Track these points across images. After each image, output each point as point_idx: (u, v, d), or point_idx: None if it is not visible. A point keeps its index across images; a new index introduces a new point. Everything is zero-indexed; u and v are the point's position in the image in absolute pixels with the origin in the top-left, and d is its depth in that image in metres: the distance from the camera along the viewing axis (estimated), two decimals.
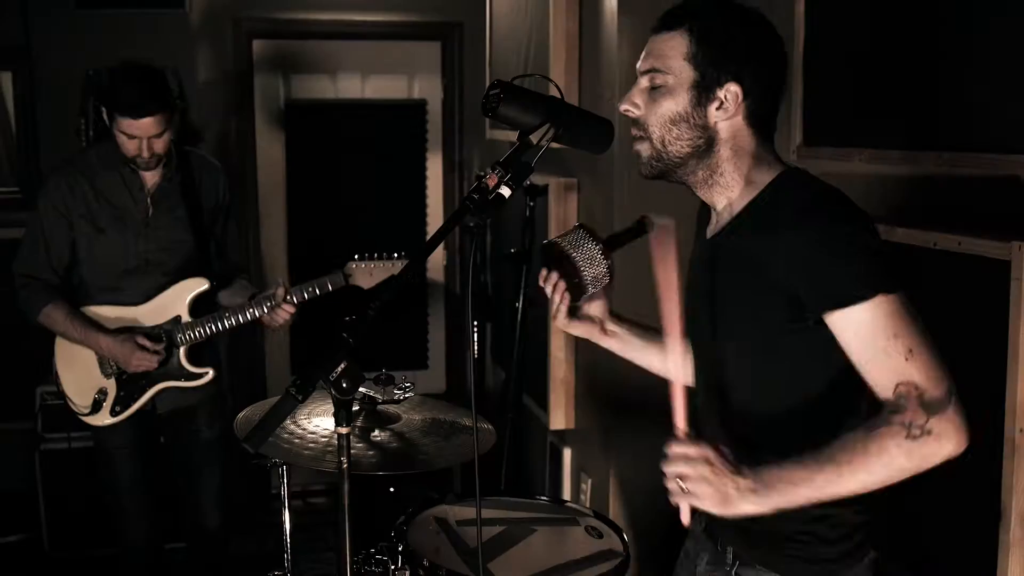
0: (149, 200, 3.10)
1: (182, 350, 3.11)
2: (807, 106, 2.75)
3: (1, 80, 4.78)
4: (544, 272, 1.86)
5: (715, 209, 1.75)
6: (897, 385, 1.51)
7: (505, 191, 1.61)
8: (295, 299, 3.00)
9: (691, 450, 1.51)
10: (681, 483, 1.51)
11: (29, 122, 4.77)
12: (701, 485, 1.50)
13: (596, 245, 1.82)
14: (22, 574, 4.32)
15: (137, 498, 3.25)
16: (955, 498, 2.14)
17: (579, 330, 1.96)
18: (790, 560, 1.69)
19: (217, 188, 3.25)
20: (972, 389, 2.05)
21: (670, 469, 1.52)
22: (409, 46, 5.33)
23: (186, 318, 3.10)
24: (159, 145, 2.97)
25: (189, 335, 3.08)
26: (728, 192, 1.70)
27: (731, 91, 1.63)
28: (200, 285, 3.12)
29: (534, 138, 1.68)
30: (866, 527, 1.72)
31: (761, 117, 1.68)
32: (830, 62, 2.68)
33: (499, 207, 1.61)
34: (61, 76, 4.68)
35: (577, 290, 1.84)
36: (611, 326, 1.97)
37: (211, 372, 3.15)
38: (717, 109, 1.64)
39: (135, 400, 3.12)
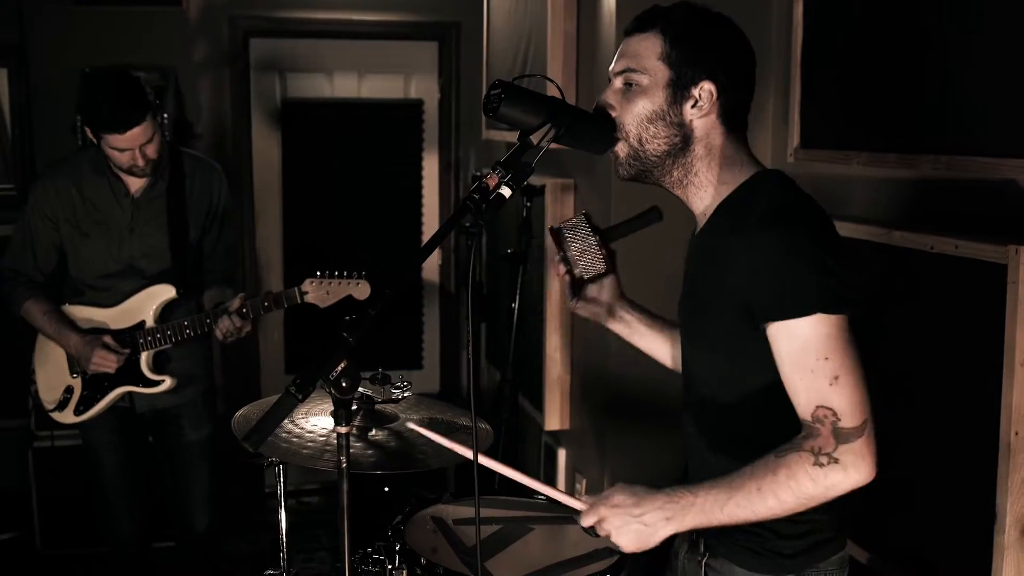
0: (134, 206, 3.10)
1: (143, 356, 3.11)
2: (805, 109, 2.76)
3: None
4: (553, 256, 1.95)
5: (693, 211, 1.78)
6: (816, 408, 1.54)
7: (505, 191, 1.61)
8: (250, 313, 3.00)
9: (592, 515, 1.66)
10: (610, 541, 1.65)
11: (25, 119, 4.76)
12: (618, 536, 1.64)
13: (592, 234, 1.88)
14: (14, 572, 4.31)
15: (123, 494, 3.26)
16: (950, 501, 2.15)
17: (586, 312, 2.01)
18: (749, 552, 1.72)
19: (211, 191, 3.21)
20: (968, 391, 2.06)
21: (599, 534, 1.67)
22: (406, 46, 5.33)
23: (150, 324, 3.10)
24: (151, 150, 2.97)
25: (150, 341, 3.09)
26: (702, 192, 1.73)
27: (706, 89, 1.67)
28: (167, 293, 3.11)
29: (535, 138, 1.68)
30: (832, 526, 1.73)
31: (734, 116, 1.71)
32: (828, 65, 2.69)
33: (499, 208, 1.61)
34: (57, 73, 4.67)
35: (574, 275, 1.92)
36: (620, 311, 2.00)
37: (168, 381, 3.13)
38: (692, 107, 1.67)
39: (97, 401, 3.14)
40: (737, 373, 1.68)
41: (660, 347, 2.03)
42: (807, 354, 1.54)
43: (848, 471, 1.52)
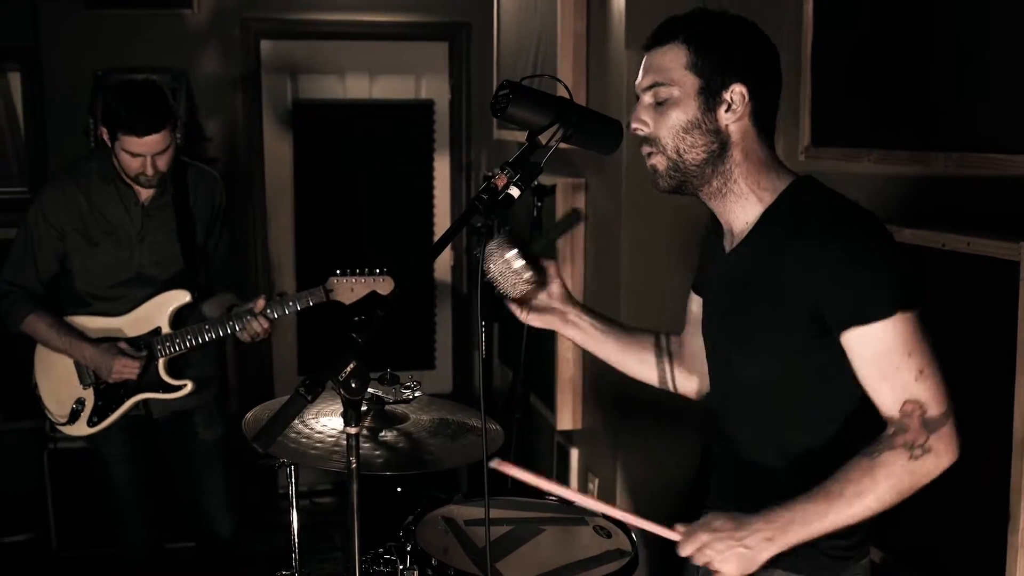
0: (143, 214, 3.08)
1: (161, 362, 3.08)
2: (815, 107, 2.75)
3: (10, 80, 4.80)
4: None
5: (729, 223, 1.75)
6: (904, 403, 1.57)
7: (514, 191, 1.61)
8: (274, 314, 2.97)
9: (692, 543, 1.63)
10: (711, 567, 1.63)
11: (38, 122, 4.78)
12: (722, 562, 1.61)
13: (508, 251, 1.84)
14: (31, 573, 4.34)
15: (134, 503, 3.22)
16: (963, 500, 2.14)
17: (538, 321, 1.98)
18: (790, 553, 1.66)
19: (213, 199, 3.22)
20: (981, 390, 2.05)
21: (697, 562, 1.64)
22: (416, 46, 5.33)
23: (166, 330, 3.07)
24: (162, 162, 2.94)
25: (168, 347, 3.06)
26: (743, 201, 1.71)
27: (737, 92, 1.65)
28: (182, 298, 3.09)
29: (543, 138, 1.68)
30: (865, 525, 1.71)
31: (766, 117, 1.70)
32: (838, 62, 2.68)
33: (508, 208, 1.61)
34: (70, 76, 4.70)
35: (505, 293, 1.88)
36: (573, 317, 1.98)
37: (189, 385, 3.11)
38: (726, 112, 1.66)
39: (113, 411, 3.10)
40: (792, 379, 1.67)
41: (614, 353, 2.02)
42: (892, 354, 1.56)
43: (940, 457, 1.57)
